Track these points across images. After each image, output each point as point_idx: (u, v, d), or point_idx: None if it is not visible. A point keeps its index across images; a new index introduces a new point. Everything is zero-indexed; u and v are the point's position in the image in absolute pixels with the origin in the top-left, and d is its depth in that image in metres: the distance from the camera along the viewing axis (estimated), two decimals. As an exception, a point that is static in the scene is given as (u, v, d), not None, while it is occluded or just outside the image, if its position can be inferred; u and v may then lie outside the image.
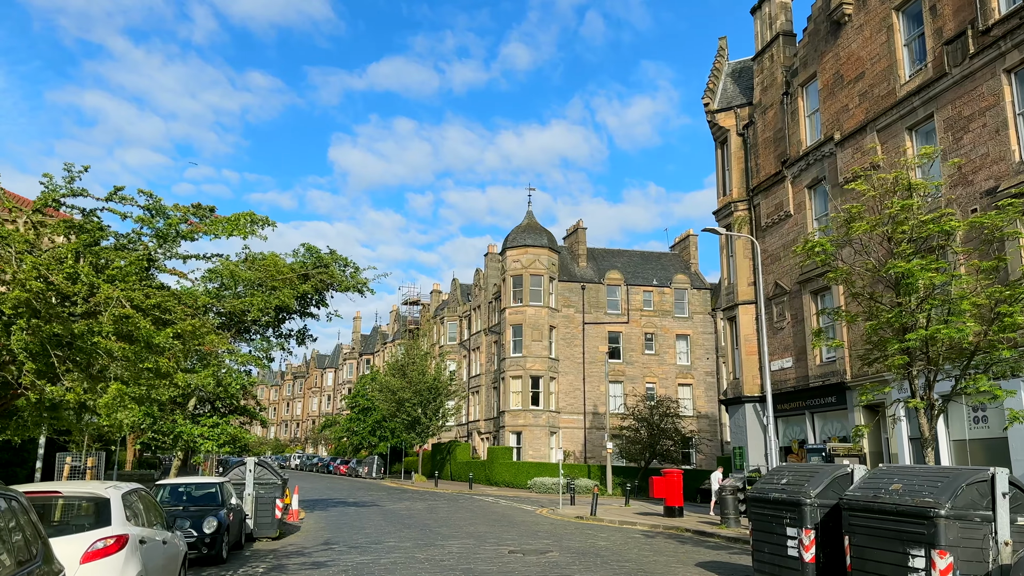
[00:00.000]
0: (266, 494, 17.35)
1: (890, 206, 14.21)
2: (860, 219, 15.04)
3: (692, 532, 21.83)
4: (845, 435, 23.80)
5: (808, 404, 25.41)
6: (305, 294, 20.92)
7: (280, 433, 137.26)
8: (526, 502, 34.08)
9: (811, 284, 25.37)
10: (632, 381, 55.18)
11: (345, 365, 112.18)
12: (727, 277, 30.10)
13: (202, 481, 15.56)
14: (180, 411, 19.62)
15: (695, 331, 57.15)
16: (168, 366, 9.60)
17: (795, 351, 26.29)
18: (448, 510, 27.62)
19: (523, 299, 53.42)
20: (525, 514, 26.81)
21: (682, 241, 62.14)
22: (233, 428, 18.97)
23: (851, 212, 15.33)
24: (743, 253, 28.95)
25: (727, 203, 29.81)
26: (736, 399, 28.62)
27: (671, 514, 26.34)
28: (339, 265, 21.32)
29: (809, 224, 25.99)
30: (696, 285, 58.08)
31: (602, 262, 59.14)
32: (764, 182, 28.35)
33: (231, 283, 19.76)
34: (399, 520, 23.14)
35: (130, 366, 9.19)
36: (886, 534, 9.08)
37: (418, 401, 52.50)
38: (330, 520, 22.91)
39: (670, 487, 26.55)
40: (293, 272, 19.66)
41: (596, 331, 55.61)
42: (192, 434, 18.42)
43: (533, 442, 51.52)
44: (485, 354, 61.04)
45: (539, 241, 54.40)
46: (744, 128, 29.90)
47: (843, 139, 24.23)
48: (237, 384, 19.14)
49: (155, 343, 8.91)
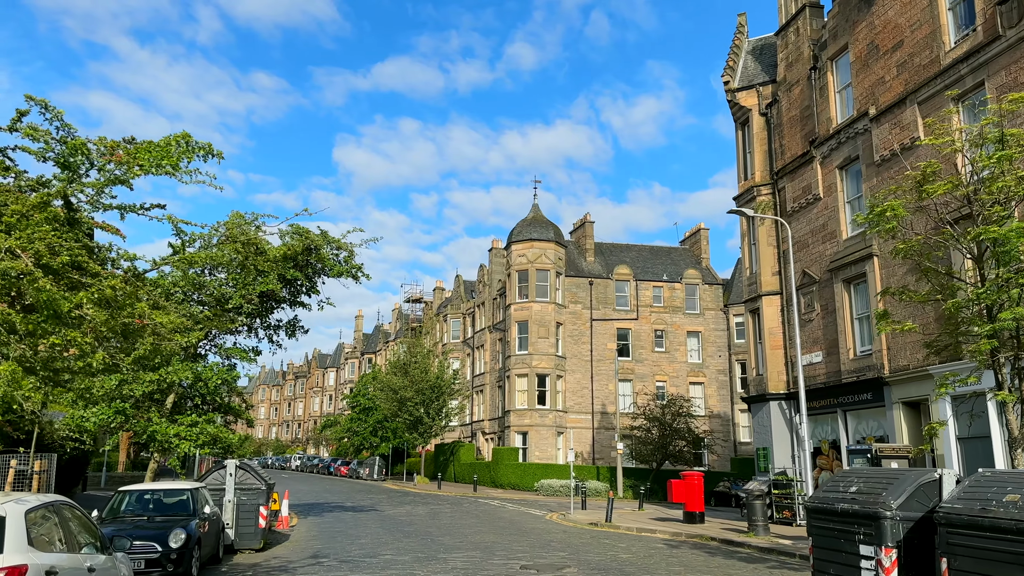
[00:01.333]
0: (248, 500, 15.53)
1: (977, 160, 12.25)
2: (934, 180, 12.98)
3: (718, 541, 19.96)
4: (882, 434, 21.92)
5: (840, 402, 23.53)
6: (294, 280, 19.08)
7: (281, 434, 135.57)
8: (534, 506, 32.22)
9: (844, 271, 23.48)
10: (642, 379, 53.30)
11: (347, 364, 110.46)
12: (749, 267, 28.22)
13: (172, 487, 13.74)
14: (156, 408, 17.82)
15: (707, 328, 55.24)
16: (85, 343, 7.68)
17: (826, 344, 24.41)
18: (452, 516, 25.79)
19: (529, 295, 51.57)
20: (534, 520, 24.97)
21: (693, 235, 60.23)
22: (213, 427, 17.16)
23: (925, 171, 13.34)
24: (767, 240, 27.07)
25: (749, 187, 27.93)
26: (760, 397, 26.75)
27: (691, 520, 24.49)
28: (331, 248, 19.49)
29: (841, 207, 24.11)
30: (708, 280, 56.18)
31: (610, 257, 57.27)
32: (790, 164, 26.48)
33: (202, 259, 17.88)
34: (399, 528, 21.31)
35: (31, 342, 7.29)
36: (1004, 558, 7.21)
37: (420, 400, 50.66)
38: (323, 528, 21.08)
39: (690, 491, 24.70)
40: (280, 254, 17.85)
41: (604, 328, 53.74)
42: (167, 434, 16.62)
43: (539, 443, 49.66)
44: (490, 352, 59.21)
45: (545, 235, 52.55)
46: (767, 107, 28.02)
47: (879, 114, 22.35)
48: (217, 378, 17.33)
49: (63, 311, 7.01)
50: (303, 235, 18.68)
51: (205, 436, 16.94)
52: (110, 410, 16.27)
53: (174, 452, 17.51)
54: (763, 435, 26.51)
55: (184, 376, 16.98)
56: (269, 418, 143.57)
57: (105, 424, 16.43)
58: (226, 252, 18.17)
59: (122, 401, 16.61)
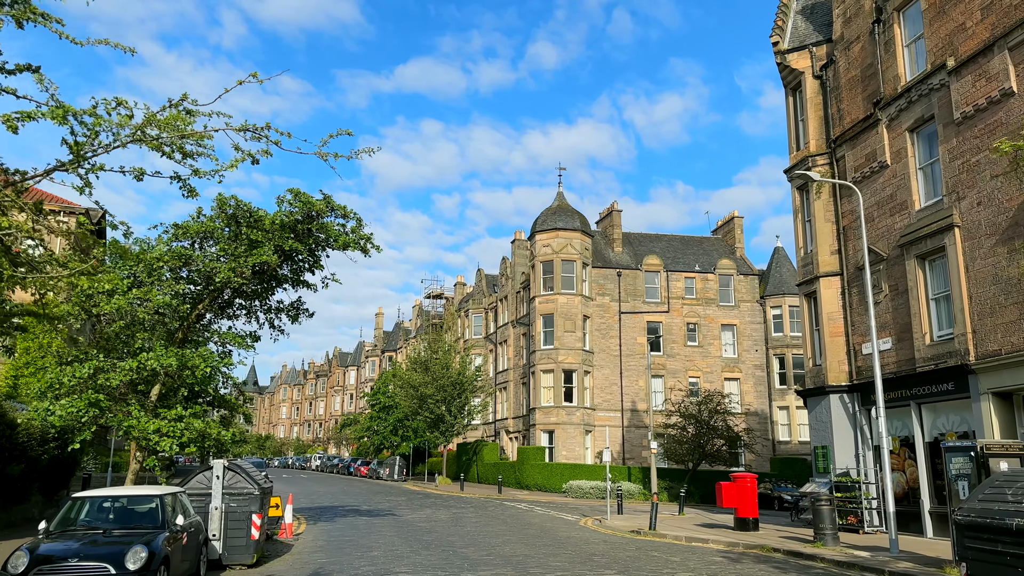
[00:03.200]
0: (239, 507, 13.21)
1: None
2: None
3: (784, 553, 17.37)
4: (966, 430, 19.18)
5: (914, 394, 20.78)
6: (293, 252, 16.71)
7: (303, 433, 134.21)
8: (565, 509, 29.74)
9: (918, 246, 20.74)
10: (673, 375, 50.58)
11: (367, 363, 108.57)
12: (803, 246, 25.51)
13: (139, 493, 11.44)
14: (138, 401, 15.58)
15: (742, 320, 52.39)
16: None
17: (895, 329, 21.67)
18: (476, 522, 23.38)
19: (554, 287, 49.05)
20: (568, 527, 22.48)
21: (726, 224, 57.38)
22: (201, 422, 14.86)
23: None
24: (824, 215, 24.36)
25: (803, 158, 25.22)
26: (818, 390, 24.04)
27: (744, 527, 21.92)
28: (336, 216, 17.12)
29: (912, 174, 21.37)
30: (743, 271, 53.32)
31: (639, 247, 54.60)
32: (850, 130, 23.75)
33: (193, 229, 15.65)
34: (417, 536, 18.92)
35: None
36: None
37: (442, 397, 48.33)
38: (333, 536, 18.75)
39: (742, 495, 22.12)
40: (276, 222, 15.57)
41: (633, 321, 51.10)
42: (145, 429, 14.35)
43: (567, 442, 47.12)
44: (513, 348, 56.76)
45: (571, 224, 50.00)
46: (821, 69, 25.30)
47: (959, 65, 19.58)
48: (207, 366, 15.05)
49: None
50: (304, 201, 16.35)
51: (191, 432, 14.65)
52: (81, 402, 14.08)
53: (158, 451, 15.21)
54: (822, 432, 23.81)
55: (167, 363, 14.73)
56: (291, 417, 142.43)
57: (75, 418, 14.24)
58: (216, 222, 15.95)
59: (96, 392, 14.41)
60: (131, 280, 15.36)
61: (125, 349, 15.87)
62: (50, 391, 14.76)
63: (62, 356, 16.08)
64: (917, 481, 20.66)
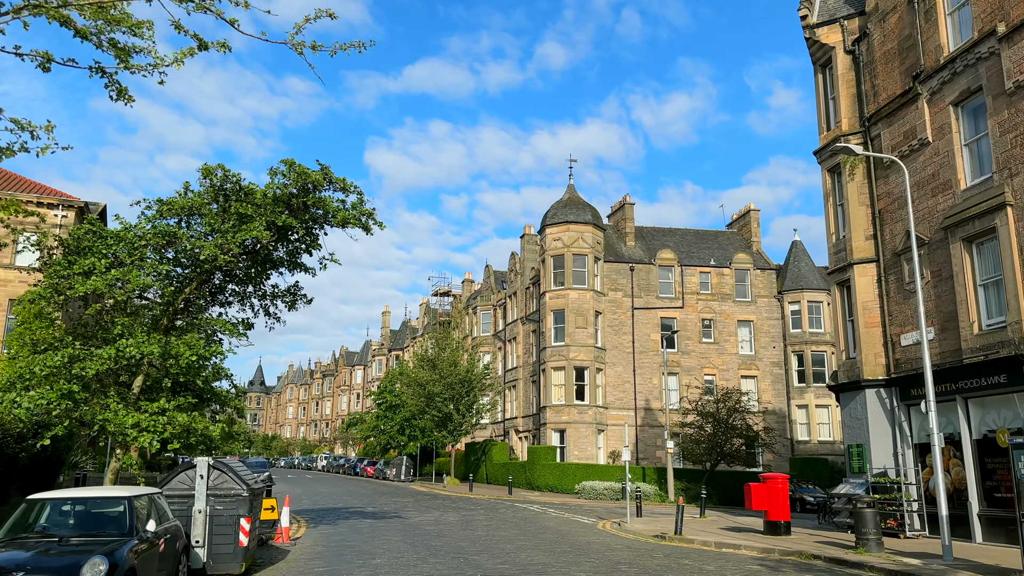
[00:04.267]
0: (225, 511, 11.81)
1: None
2: None
3: (825, 560, 15.87)
4: (1020, 425, 17.65)
5: (960, 387, 19.25)
6: (287, 228, 15.27)
7: (309, 433, 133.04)
8: (579, 511, 28.28)
9: (964, 228, 19.21)
10: (689, 373, 49.03)
11: (374, 362, 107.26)
12: (835, 232, 23.98)
13: (103, 494, 10.03)
14: (119, 393, 14.20)
15: (759, 317, 50.80)
16: None
17: (938, 319, 20.14)
18: (487, 524, 21.95)
19: (565, 282, 47.56)
20: (586, 530, 21.03)
21: (742, 217, 55.79)
22: (185, 416, 13.42)
23: None
24: (858, 198, 22.84)
25: (834, 138, 23.69)
26: (852, 384, 22.51)
27: (775, 531, 20.41)
28: (334, 190, 15.70)
29: (957, 151, 19.84)
30: (759, 265, 51.73)
31: (652, 241, 53.08)
32: (886, 107, 22.23)
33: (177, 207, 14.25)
34: (424, 541, 17.50)
35: None
36: None
37: (449, 396, 46.89)
38: (334, 541, 17.35)
39: (773, 497, 20.61)
40: (268, 195, 14.18)
41: (647, 317, 49.58)
42: (122, 423, 12.95)
43: (578, 441, 45.61)
44: (522, 345, 55.29)
45: (582, 217, 48.51)
46: (854, 43, 23.78)
47: (1011, 31, 18.06)
48: (192, 354, 13.62)
49: None
50: (298, 172, 14.91)
51: (174, 427, 13.24)
52: (53, 393, 12.70)
53: (140, 447, 13.80)
54: (857, 429, 22.28)
55: (148, 351, 13.35)
56: (297, 418, 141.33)
57: (44, 411, 12.85)
58: (204, 195, 14.55)
59: (69, 382, 13.02)
60: (110, 260, 14.02)
61: (104, 336, 14.50)
62: (20, 381, 13.41)
63: (37, 344, 14.74)
64: (964, 482, 19.14)
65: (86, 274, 13.44)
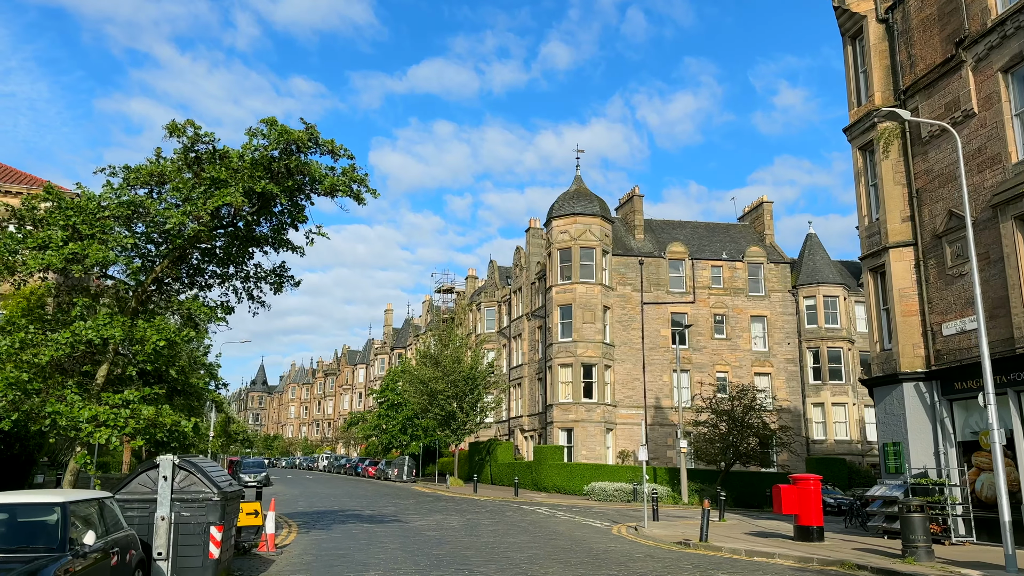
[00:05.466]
0: (193, 518, 10.21)
1: None
2: None
3: (872, 571, 14.22)
4: (1083, 424, 15.97)
5: (1012, 379, 17.59)
6: (268, 197, 13.62)
7: (311, 433, 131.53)
8: (590, 514, 26.64)
9: (1016, 205, 17.52)
10: (700, 370, 47.35)
11: (376, 360, 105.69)
12: (867, 215, 22.30)
13: (34, 500, 8.41)
14: (81, 384, 12.58)
15: (773, 312, 49.08)
16: None
17: (987, 305, 18.40)
18: (494, 530, 20.32)
19: (572, 276, 45.89)
20: (600, 536, 19.38)
21: (754, 210, 54.08)
22: (151, 409, 11.78)
23: None
24: (893, 177, 21.17)
25: (866, 113, 22.02)
26: (888, 378, 20.83)
27: (807, 537, 18.76)
28: (321, 152, 14.05)
29: (1007, 122, 18.14)
30: (773, 259, 50.01)
31: (661, 234, 51.41)
32: (924, 77, 20.55)
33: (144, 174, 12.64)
34: (425, 549, 15.88)
35: None
36: None
37: (453, 393, 45.26)
38: (324, 549, 15.73)
39: (804, 500, 18.96)
40: (246, 158, 12.58)
41: (657, 312, 47.90)
42: (76, 417, 11.32)
43: (586, 440, 43.94)
44: (528, 342, 53.63)
45: (590, 209, 46.84)
46: (887, 11, 22.11)
47: (1071, -12, 16.40)
48: (159, 339, 11.97)
49: None
50: (280, 131, 13.23)
51: (137, 422, 11.61)
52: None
53: (107, 445, 12.13)
54: (893, 426, 20.59)
55: (109, 334, 11.73)
56: (299, 417, 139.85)
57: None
58: (177, 162, 12.92)
59: (19, 370, 11.41)
60: (68, 233, 12.42)
61: (63, 319, 12.90)
62: (-35, 371, 11.81)
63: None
64: (1017, 483, 17.46)
65: (41, 248, 11.88)
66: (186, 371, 15.36)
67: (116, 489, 10.35)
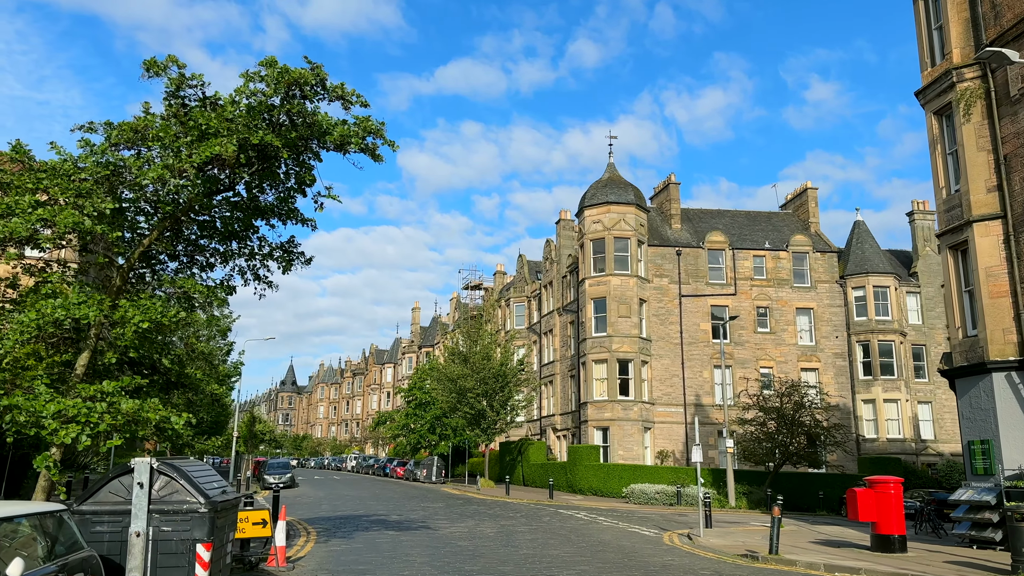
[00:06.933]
0: (175, 533, 8.43)
1: None
2: None
3: (984, 593, 12.02)
4: None
5: None
6: (268, 150, 11.75)
7: (340, 433, 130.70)
8: (634, 520, 24.60)
9: None
10: (743, 365, 44.95)
11: (404, 360, 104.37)
12: (945, 186, 19.99)
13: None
14: (58, 374, 10.90)
15: (820, 304, 46.51)
16: None
17: (1096, 283, 16.12)
18: (533, 539, 18.38)
19: (606, 267, 43.77)
20: (652, 546, 17.35)
21: (798, 197, 51.48)
22: (132, 402, 10.04)
23: None
24: (976, 143, 18.85)
25: (943, 72, 19.71)
26: (973, 367, 18.52)
27: (886, 547, 16.56)
28: (330, 98, 12.18)
29: (1119, 72, 15.81)
30: (819, 248, 47.42)
31: (699, 224, 49.06)
32: (1011, 29, 18.21)
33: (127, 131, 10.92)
34: (456, 564, 13.99)
35: None
36: None
37: (482, 391, 43.39)
38: (343, 563, 13.92)
39: (884, 505, 16.75)
40: (241, 103, 10.79)
41: (696, 305, 45.60)
42: (39, 411, 9.60)
43: (623, 440, 41.80)
44: (559, 338, 51.59)
45: (624, 197, 44.68)
46: (966, -42, 19.79)
47: None
48: (142, 319, 10.25)
49: None
50: (281, 71, 11.35)
51: (114, 417, 9.86)
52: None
53: (79, 445, 10.36)
54: (981, 422, 18.28)
55: (82, 314, 10.02)
56: (328, 417, 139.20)
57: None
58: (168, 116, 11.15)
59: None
60: (37, 198, 10.74)
61: (31, 300, 11.19)
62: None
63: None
64: None
65: (5, 215, 10.24)
66: (183, 360, 13.60)
67: (81, 498, 8.60)
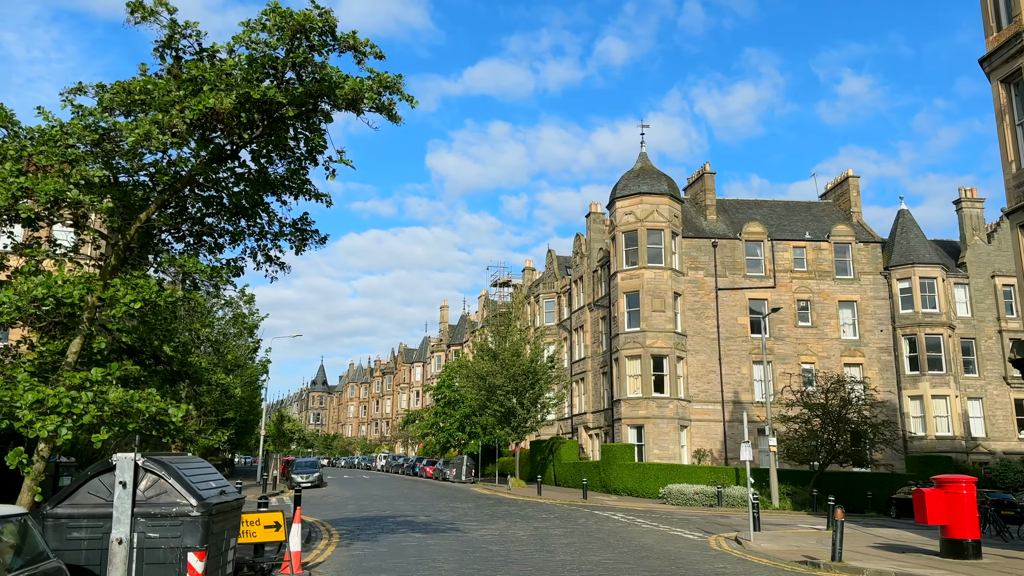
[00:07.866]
0: (163, 540, 7.36)
1: None
2: None
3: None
4: None
5: None
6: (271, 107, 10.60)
7: (370, 432, 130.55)
8: (674, 522, 23.23)
9: None
10: (783, 361, 43.21)
11: (433, 358, 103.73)
12: (1015, 160, 18.36)
13: None
14: (48, 362, 9.95)
15: (863, 296, 44.59)
16: None
17: None
18: (569, 543, 17.14)
19: (639, 260, 42.33)
20: (699, 552, 16.02)
21: (838, 186, 49.54)
22: (121, 391, 9.00)
23: None
24: (1052, 111, 17.22)
25: (1010, 37, 18.09)
26: (1052, 356, 16.92)
27: (959, 552, 15.05)
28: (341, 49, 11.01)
29: None
30: (862, 238, 45.48)
31: (735, 215, 47.39)
32: (1093, -16, 16.58)
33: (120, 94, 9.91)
34: (488, 573, 12.80)
35: None
36: None
37: (512, 388, 42.19)
38: (365, 568, 12.82)
39: (955, 507, 15.25)
40: (240, 54, 9.73)
41: (733, 299, 43.95)
42: (14, 403, 8.59)
43: (659, 438, 40.33)
44: (590, 334, 50.24)
45: (657, 188, 43.21)
46: (1038, -89, 18.14)
47: None
48: (133, 299, 9.20)
49: None
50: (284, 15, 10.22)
51: (100, 408, 8.80)
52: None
53: (60, 440, 9.32)
54: (1061, 417, 16.63)
55: (65, 292, 9.00)
56: (358, 416, 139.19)
57: None
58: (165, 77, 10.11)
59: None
60: (21, 165, 9.78)
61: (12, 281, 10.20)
62: None
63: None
64: None
65: (-14, 183, 9.28)
66: (188, 348, 12.57)
67: (55, 500, 7.56)
